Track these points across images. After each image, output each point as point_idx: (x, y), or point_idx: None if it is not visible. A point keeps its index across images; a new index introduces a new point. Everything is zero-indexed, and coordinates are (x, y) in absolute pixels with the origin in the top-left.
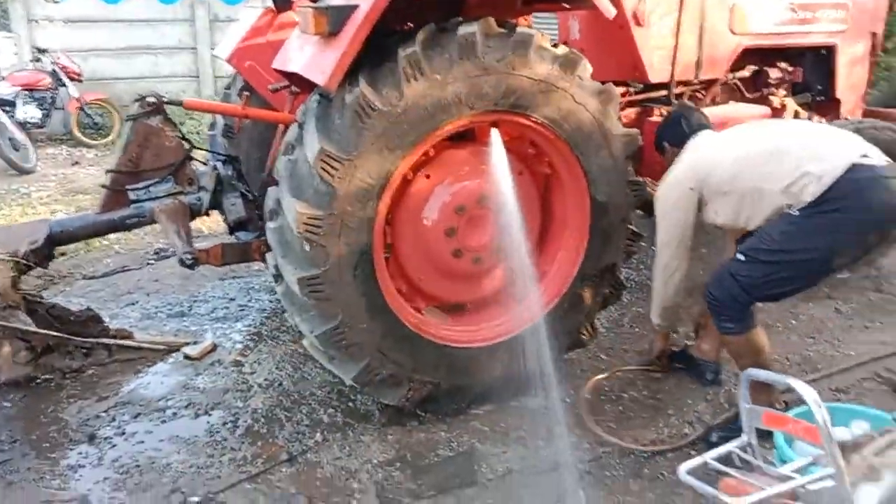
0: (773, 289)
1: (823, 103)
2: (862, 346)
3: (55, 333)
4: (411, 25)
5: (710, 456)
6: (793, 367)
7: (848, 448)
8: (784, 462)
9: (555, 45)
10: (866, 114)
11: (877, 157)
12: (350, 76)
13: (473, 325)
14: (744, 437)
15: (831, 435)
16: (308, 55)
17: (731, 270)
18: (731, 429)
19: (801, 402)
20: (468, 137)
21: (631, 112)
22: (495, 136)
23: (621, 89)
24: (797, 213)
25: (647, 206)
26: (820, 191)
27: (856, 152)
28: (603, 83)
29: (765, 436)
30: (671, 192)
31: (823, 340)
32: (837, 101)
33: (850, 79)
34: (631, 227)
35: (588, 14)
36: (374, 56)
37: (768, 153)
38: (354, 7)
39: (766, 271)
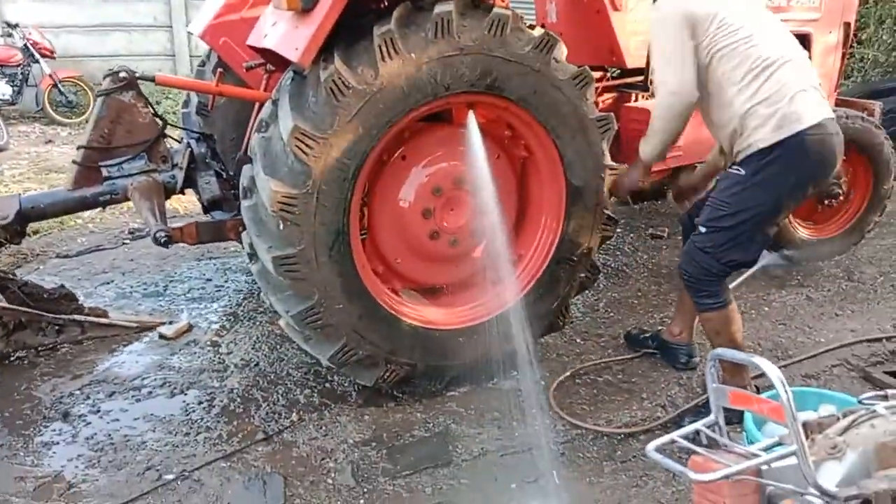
0: (741, 251)
1: None
2: (832, 332)
3: (26, 309)
4: (386, 3)
5: (677, 434)
6: (765, 352)
7: (813, 428)
8: (752, 444)
9: (531, 28)
10: (839, 103)
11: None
12: (324, 53)
13: (450, 308)
14: (711, 417)
15: (794, 413)
16: (281, 31)
17: (697, 245)
18: (702, 412)
19: (772, 386)
20: (445, 119)
21: (608, 97)
22: (472, 117)
23: (598, 74)
24: (742, 171)
25: None
26: (770, 141)
27: (824, 111)
28: (579, 67)
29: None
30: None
31: (795, 327)
32: None
33: (824, 68)
34: (607, 211)
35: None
36: (348, 33)
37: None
38: None
39: (730, 235)
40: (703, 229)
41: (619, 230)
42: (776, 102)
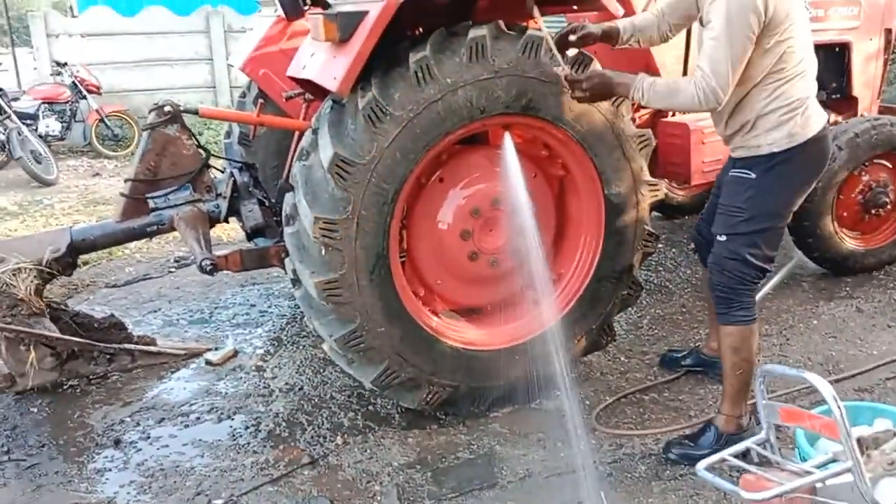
0: (768, 246)
1: (839, 101)
2: (885, 345)
3: (79, 339)
4: (422, 30)
5: (727, 452)
6: (815, 367)
7: (868, 443)
8: (805, 461)
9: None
10: (882, 111)
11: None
12: (362, 81)
13: (491, 328)
14: (762, 434)
15: (848, 428)
16: (320, 62)
17: (723, 254)
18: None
19: (823, 401)
20: (481, 140)
21: (644, 113)
22: (508, 138)
23: None
24: (752, 174)
25: (663, 207)
26: (783, 147)
27: (824, 116)
28: None
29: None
30: None
31: (845, 340)
32: (854, 99)
33: (865, 75)
34: (647, 227)
35: (598, 15)
36: (385, 61)
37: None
38: (364, 13)
39: (753, 239)
40: (722, 238)
41: (660, 245)
42: (795, 110)
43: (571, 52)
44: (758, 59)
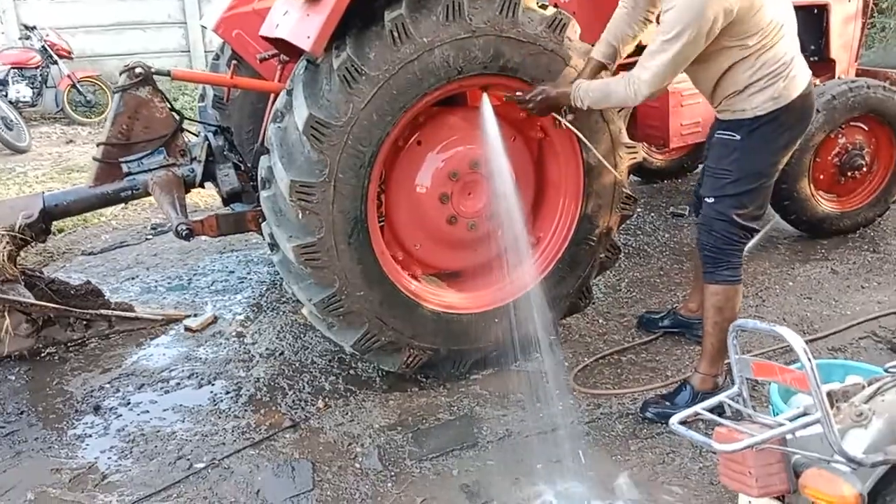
0: (755, 207)
1: (817, 63)
2: (858, 305)
3: (55, 305)
4: None
5: (701, 406)
6: (790, 327)
7: (838, 396)
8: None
9: (543, 7)
10: (859, 73)
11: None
12: (337, 41)
13: (471, 292)
14: (735, 388)
15: (818, 381)
16: (293, 20)
17: (711, 216)
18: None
19: (797, 360)
20: (459, 102)
21: (623, 75)
22: (486, 100)
23: None
24: (736, 136)
25: (642, 172)
26: (768, 110)
27: (808, 74)
28: (592, 45)
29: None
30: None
31: (820, 301)
32: (832, 61)
33: (843, 38)
34: (626, 190)
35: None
36: (360, 20)
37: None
38: None
39: (739, 201)
40: (710, 199)
41: (639, 209)
42: (778, 74)
43: (549, 10)
44: (735, 41)
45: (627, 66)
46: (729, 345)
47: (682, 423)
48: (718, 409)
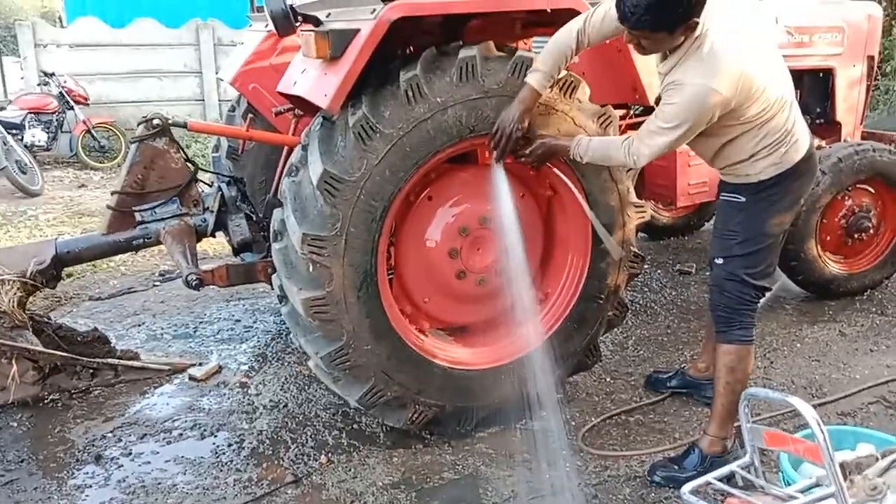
0: (765, 266)
1: (823, 125)
2: (867, 369)
3: (62, 353)
4: (412, 49)
5: (713, 476)
6: (798, 390)
7: (851, 468)
8: (788, 485)
9: None
10: (865, 136)
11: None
12: (352, 99)
13: (478, 348)
14: (746, 458)
15: (832, 453)
16: (311, 78)
17: (721, 276)
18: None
19: (807, 425)
20: (470, 159)
21: (631, 134)
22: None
23: (621, 112)
24: (741, 198)
25: (649, 228)
26: (772, 174)
27: (809, 135)
28: (602, 106)
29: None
30: (706, 91)
31: (828, 363)
32: (837, 124)
33: (848, 101)
34: (633, 249)
35: None
36: (376, 79)
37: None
38: (356, 31)
39: (749, 259)
40: (719, 260)
41: (646, 266)
42: (780, 142)
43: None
44: (734, 121)
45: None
46: (741, 413)
47: (694, 492)
48: (730, 478)
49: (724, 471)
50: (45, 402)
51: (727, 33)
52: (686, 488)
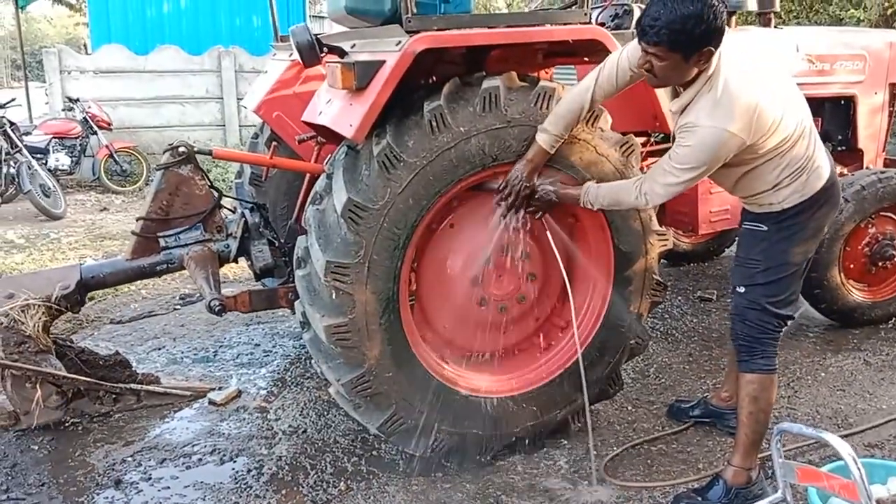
0: (787, 294)
1: (845, 153)
2: (894, 399)
3: (86, 378)
4: (435, 79)
5: None
6: (823, 420)
7: None
8: None
9: None
10: (887, 163)
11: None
12: (377, 128)
13: (499, 375)
14: (779, 494)
15: (869, 492)
16: (336, 108)
17: (743, 305)
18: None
19: (834, 457)
20: (493, 188)
21: (652, 161)
22: None
23: (642, 140)
24: (764, 227)
25: (670, 255)
26: (794, 202)
27: (830, 161)
28: (624, 134)
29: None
30: (721, 134)
31: (854, 393)
32: (859, 151)
33: (871, 128)
34: (656, 276)
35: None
36: (400, 109)
37: (806, 130)
38: (381, 63)
39: (771, 288)
40: (741, 289)
41: (668, 294)
42: (802, 169)
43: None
44: (751, 156)
45: (659, 153)
46: (772, 449)
47: None
48: None
49: None
50: (66, 425)
51: (740, 71)
52: None
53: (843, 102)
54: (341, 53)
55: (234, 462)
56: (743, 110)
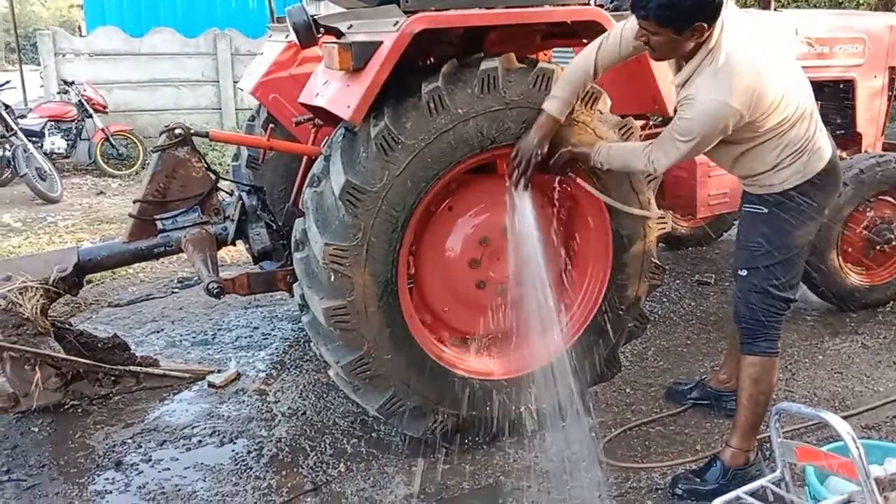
0: (790, 277)
1: (844, 136)
2: (891, 382)
3: (85, 360)
4: (433, 61)
5: (743, 490)
6: (821, 402)
7: (884, 485)
8: (816, 501)
9: None
10: (886, 147)
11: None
12: (374, 110)
13: (498, 358)
14: (777, 472)
15: (868, 470)
16: (333, 90)
17: (745, 288)
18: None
19: (832, 438)
20: (490, 170)
21: (644, 145)
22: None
23: (641, 122)
24: (763, 209)
25: (668, 239)
26: (794, 184)
27: (831, 142)
28: (623, 117)
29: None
30: (720, 107)
31: (851, 376)
32: (858, 135)
33: (870, 112)
34: (654, 260)
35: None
36: (398, 91)
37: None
38: (378, 43)
39: (773, 271)
40: (743, 272)
41: (666, 277)
42: (802, 150)
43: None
44: (750, 133)
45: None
46: (771, 428)
47: None
48: (759, 493)
49: (754, 485)
50: (66, 407)
51: (742, 46)
52: (716, 502)
53: (842, 86)
54: (338, 34)
55: (234, 444)
56: (743, 85)
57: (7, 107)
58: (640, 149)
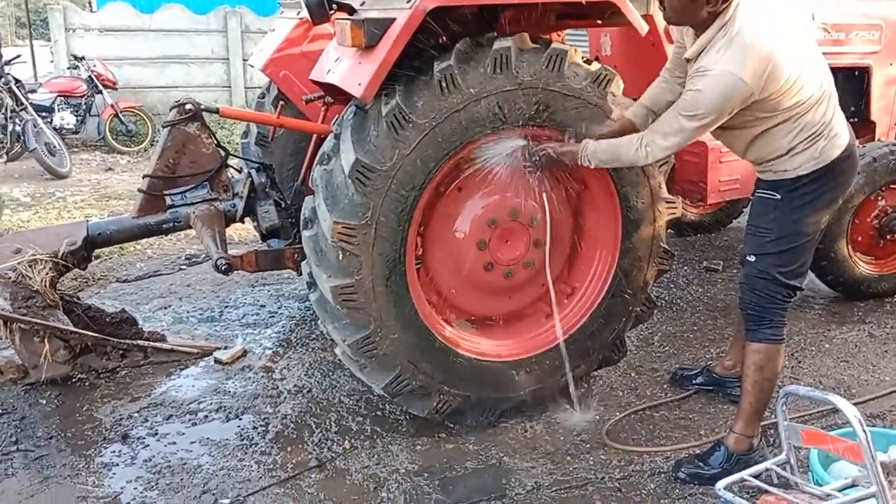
0: (798, 265)
1: (858, 124)
2: None
3: (93, 334)
4: (446, 39)
5: (748, 473)
6: (826, 390)
7: (889, 470)
8: (819, 485)
9: (587, 62)
10: None
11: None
12: (386, 88)
13: (504, 339)
14: (783, 455)
15: (874, 453)
16: (345, 67)
17: (752, 274)
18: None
19: (838, 425)
20: None
21: (633, 136)
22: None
23: None
24: (777, 195)
25: (676, 225)
26: (810, 170)
27: (849, 130)
28: (635, 100)
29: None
30: (731, 80)
31: (857, 364)
32: (872, 123)
33: (884, 100)
34: (663, 245)
35: (620, 30)
36: (409, 69)
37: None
38: (391, 20)
39: (782, 258)
40: (751, 258)
41: (675, 263)
42: (818, 135)
43: (595, 65)
44: (764, 114)
45: None
46: (778, 411)
47: (728, 488)
48: (764, 476)
49: (759, 468)
50: (73, 380)
51: (757, 23)
52: (720, 484)
53: (857, 73)
54: (350, 11)
55: (240, 420)
56: (756, 60)
57: (17, 81)
58: (632, 138)
